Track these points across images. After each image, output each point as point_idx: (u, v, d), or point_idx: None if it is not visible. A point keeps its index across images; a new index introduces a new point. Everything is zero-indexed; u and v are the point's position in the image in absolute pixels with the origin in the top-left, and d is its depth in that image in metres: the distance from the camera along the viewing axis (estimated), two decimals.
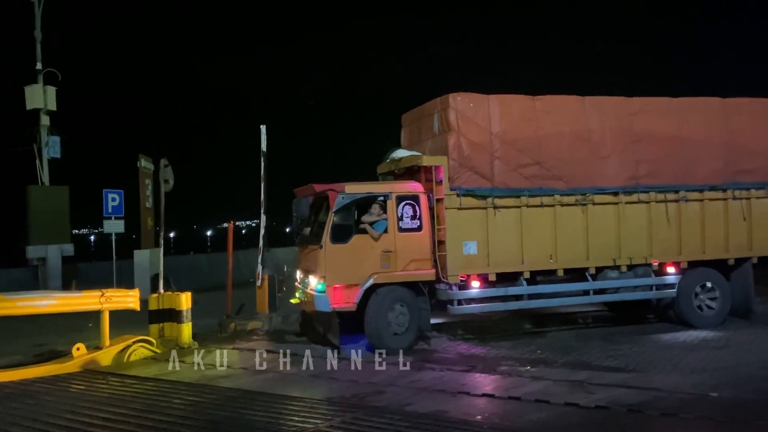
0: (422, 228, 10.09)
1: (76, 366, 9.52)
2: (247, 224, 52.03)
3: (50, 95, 18.08)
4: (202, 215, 72.52)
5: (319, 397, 7.59)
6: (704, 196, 11.12)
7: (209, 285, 16.74)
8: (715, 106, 11.44)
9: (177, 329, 10.82)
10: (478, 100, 10.32)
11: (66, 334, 11.43)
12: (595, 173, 10.65)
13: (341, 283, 9.76)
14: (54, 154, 18.37)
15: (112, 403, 7.67)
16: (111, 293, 10.38)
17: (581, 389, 7.39)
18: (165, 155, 12.50)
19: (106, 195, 16.44)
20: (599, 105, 10.86)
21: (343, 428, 6.35)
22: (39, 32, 18.24)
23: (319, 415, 6.86)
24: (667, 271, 11.02)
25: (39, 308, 9.77)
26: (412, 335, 10.04)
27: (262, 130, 12.39)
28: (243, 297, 13.54)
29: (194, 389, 8.23)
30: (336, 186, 10.03)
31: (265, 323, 12.03)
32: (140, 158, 17.86)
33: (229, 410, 7.19)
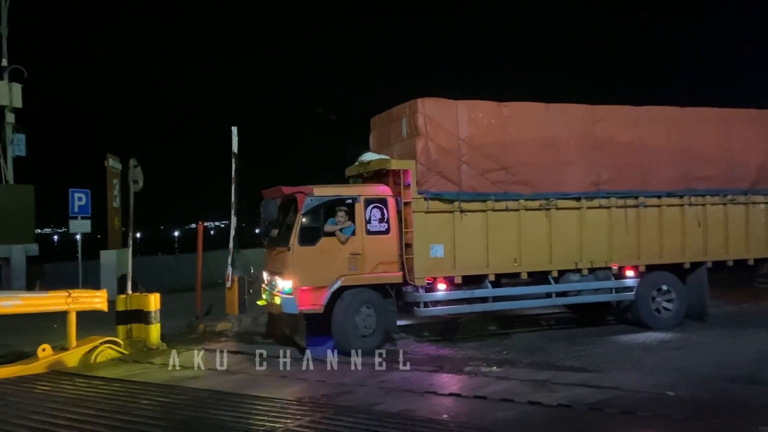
0: (390, 231, 10.15)
1: (42, 367, 9.32)
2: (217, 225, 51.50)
3: (16, 92, 17.60)
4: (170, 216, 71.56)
5: (289, 398, 7.56)
6: (662, 202, 11.46)
7: (178, 286, 16.55)
8: (674, 115, 11.81)
9: (145, 330, 10.69)
10: (446, 106, 10.45)
11: (31, 335, 11.15)
12: (559, 179, 10.89)
13: (309, 285, 9.74)
14: (19, 152, 17.92)
15: (78, 404, 7.54)
16: (78, 294, 10.19)
17: (545, 388, 7.54)
18: (134, 155, 12.36)
19: (72, 194, 16.11)
20: (564, 112, 11.11)
21: (312, 428, 6.35)
22: (5, 28, 17.77)
23: (289, 415, 6.85)
24: (626, 275, 11.32)
25: (4, 309, 9.54)
26: (379, 337, 10.07)
27: (233, 131, 12.33)
28: (212, 298, 13.43)
29: (162, 390, 8.14)
30: (304, 188, 10.03)
31: (234, 324, 11.96)
32: (108, 158, 17.55)
33: (198, 411, 7.12)
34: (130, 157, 12.39)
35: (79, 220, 16.32)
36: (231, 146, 12.28)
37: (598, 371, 8.57)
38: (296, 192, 10.04)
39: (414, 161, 10.13)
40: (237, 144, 12.33)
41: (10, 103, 17.54)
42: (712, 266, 11.81)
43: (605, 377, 8.13)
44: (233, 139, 12.31)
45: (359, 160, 11.24)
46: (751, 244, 11.98)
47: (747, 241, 11.96)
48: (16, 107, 17.72)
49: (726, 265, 11.97)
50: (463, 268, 10.37)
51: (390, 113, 11.35)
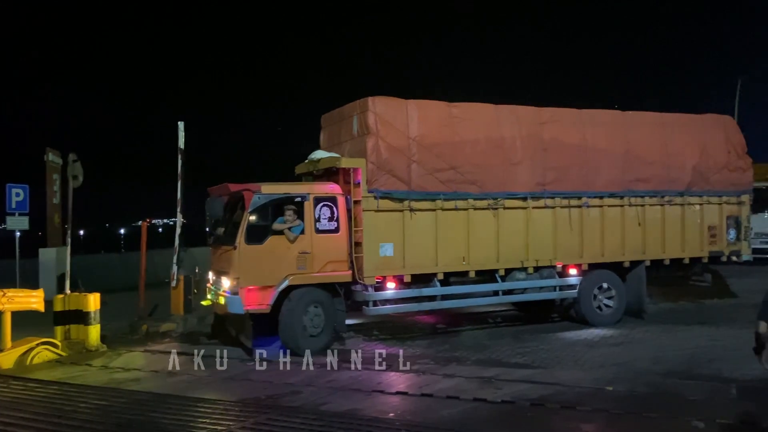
0: (339, 229, 10.04)
1: None
2: (164, 223, 50.27)
3: None
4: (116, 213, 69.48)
5: (233, 399, 7.43)
6: (604, 202, 11.76)
7: (122, 285, 16.05)
8: (616, 118, 12.18)
9: (84, 331, 10.30)
10: (396, 105, 10.43)
11: None
12: (507, 179, 11.02)
13: (255, 285, 9.54)
14: None
15: (13, 407, 7.24)
16: (13, 293, 9.79)
17: (490, 385, 7.63)
18: (74, 149, 11.91)
19: (10, 190, 15.41)
20: (512, 113, 11.26)
21: (255, 429, 6.26)
22: None
23: (232, 417, 6.73)
24: (569, 273, 11.56)
25: None
26: (328, 337, 9.96)
27: (179, 126, 12.03)
28: (158, 298, 13.06)
29: (101, 393, 7.86)
30: (252, 186, 9.82)
31: (179, 325, 11.65)
32: (47, 152, 16.87)
33: (138, 414, 6.91)
34: (69, 152, 11.95)
35: (17, 216, 15.61)
36: (178, 142, 12.00)
37: (541, 368, 8.71)
38: (243, 189, 9.81)
39: (364, 160, 10.06)
40: (183, 140, 12.04)
41: None
42: (650, 265, 12.18)
43: (548, 373, 8.27)
44: (180, 134, 12.01)
45: (309, 157, 11.09)
46: (686, 244, 12.43)
47: (683, 241, 12.40)
48: None
49: (663, 264, 12.37)
50: (412, 266, 10.36)
51: (341, 111, 11.25)
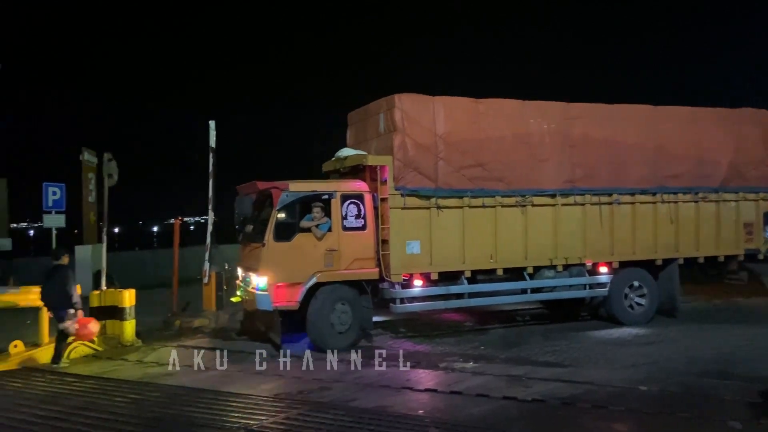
0: (366, 227, 10.03)
1: (14, 363, 9.16)
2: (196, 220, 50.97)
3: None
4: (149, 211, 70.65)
5: (264, 394, 7.48)
6: (635, 199, 11.56)
7: (155, 282, 16.34)
8: (647, 113, 11.89)
9: (119, 327, 10.52)
10: (423, 102, 10.37)
11: (3, 331, 10.94)
12: (534, 175, 10.89)
13: (284, 282, 9.59)
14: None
15: (50, 401, 7.40)
16: None
17: (520, 384, 7.55)
18: (109, 149, 12.14)
19: (46, 188, 15.73)
20: (539, 109, 11.11)
21: (287, 424, 6.30)
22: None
23: (264, 411, 6.77)
24: (599, 271, 11.38)
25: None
26: (355, 334, 9.98)
27: (211, 125, 12.18)
28: (190, 294, 13.26)
29: (136, 387, 8.01)
30: (280, 184, 9.86)
31: (211, 321, 11.81)
32: (83, 151, 17.23)
33: (172, 408, 7.01)
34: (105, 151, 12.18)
35: (54, 214, 15.95)
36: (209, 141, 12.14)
37: (572, 366, 8.60)
38: (271, 187, 9.88)
39: (391, 157, 10.05)
40: (215, 139, 12.18)
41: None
42: (683, 262, 11.94)
43: (579, 372, 8.16)
44: (211, 133, 12.16)
45: (336, 155, 11.10)
46: (721, 242, 12.15)
47: (717, 239, 12.13)
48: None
49: (697, 262, 12.12)
50: (439, 264, 10.31)
51: (367, 109, 11.25)
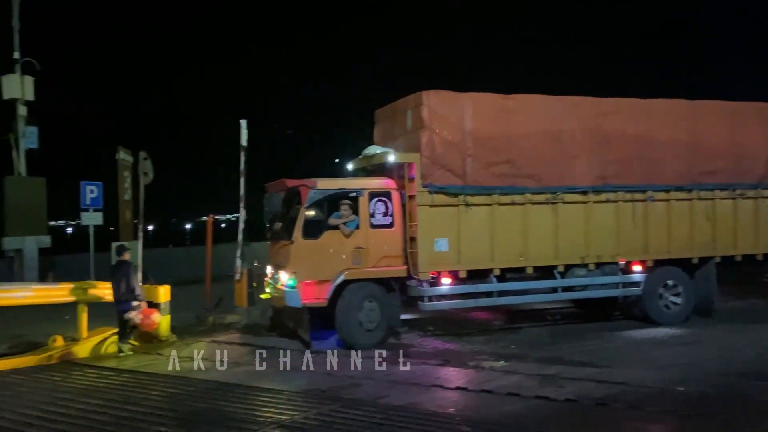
0: (394, 225, 10.00)
1: (53, 357, 9.37)
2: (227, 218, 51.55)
3: (28, 85, 17.50)
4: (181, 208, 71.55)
5: (296, 390, 7.54)
6: (670, 196, 11.27)
7: (188, 278, 16.55)
8: (682, 108, 11.59)
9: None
10: (451, 98, 10.25)
11: (43, 326, 11.20)
12: (565, 172, 10.69)
13: (312, 279, 9.60)
14: (31, 145, 17.84)
15: (89, 395, 7.57)
16: (89, 285, 10.24)
17: (552, 383, 7.45)
18: (144, 148, 12.34)
19: (84, 187, 16.09)
20: (570, 104, 10.91)
21: (318, 420, 6.32)
22: (17, 21, 17.73)
23: (296, 407, 6.82)
24: (633, 270, 11.13)
25: (16, 300, 9.63)
26: (383, 331, 9.95)
27: (242, 124, 12.27)
28: (222, 290, 13.40)
29: (172, 381, 8.14)
30: (308, 181, 9.88)
31: (243, 317, 11.93)
32: (119, 150, 17.51)
33: (206, 402, 7.11)
34: (140, 150, 12.38)
35: (91, 212, 16.32)
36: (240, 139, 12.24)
37: (606, 366, 8.40)
38: (300, 185, 9.89)
39: (418, 154, 9.96)
40: (246, 137, 12.28)
41: (22, 96, 17.46)
42: (720, 261, 11.62)
43: (613, 372, 7.99)
44: (242, 132, 12.25)
45: (363, 153, 11.09)
46: (760, 239, 11.79)
47: (756, 236, 11.76)
48: (28, 100, 17.68)
49: (734, 260, 11.79)
50: (467, 262, 10.20)
51: (394, 106, 11.18)
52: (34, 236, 17.25)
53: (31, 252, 17.13)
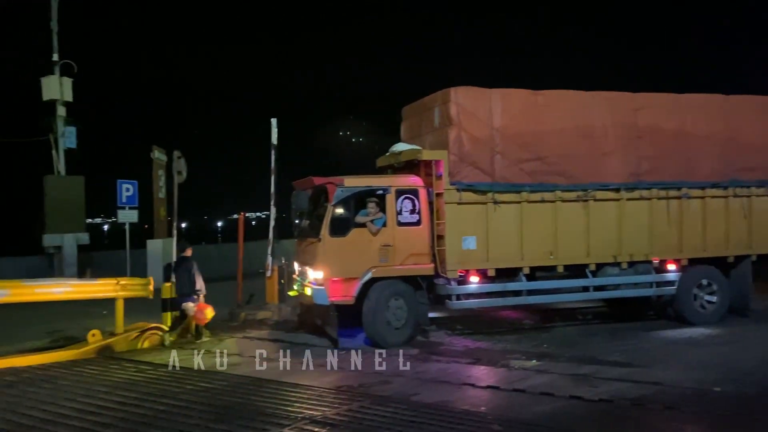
0: (421, 222, 9.86)
1: (91, 351, 9.52)
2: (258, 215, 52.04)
3: (66, 86, 17.92)
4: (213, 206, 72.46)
5: (327, 386, 7.52)
6: (706, 193, 10.94)
7: (220, 275, 16.73)
8: (718, 102, 11.24)
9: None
10: (479, 94, 10.06)
11: (81, 321, 11.42)
12: (597, 169, 10.45)
13: (339, 277, 9.53)
14: (70, 145, 18.24)
15: (126, 388, 7.68)
16: (125, 281, 10.38)
17: (586, 383, 7.30)
18: (178, 147, 12.47)
19: (120, 185, 16.41)
20: (602, 100, 10.65)
21: (349, 416, 6.30)
22: (55, 23, 18.13)
23: (326, 403, 6.81)
24: (667, 269, 10.84)
25: (55, 295, 9.80)
26: (410, 329, 9.83)
27: (272, 123, 12.34)
28: (253, 287, 13.51)
29: (205, 376, 8.21)
30: (335, 179, 9.81)
31: (274, 313, 12.00)
32: (154, 149, 17.81)
33: (239, 396, 7.16)
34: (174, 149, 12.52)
35: (127, 210, 16.63)
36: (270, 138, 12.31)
37: (640, 366, 8.18)
38: (327, 183, 9.83)
39: (446, 151, 9.80)
40: (276, 135, 12.34)
41: (61, 97, 17.87)
42: (756, 259, 11.23)
43: (648, 372, 7.78)
44: (273, 131, 12.33)
45: (390, 150, 10.96)
46: None
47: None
48: (66, 101, 18.08)
49: None
50: (496, 260, 10.01)
51: (422, 102, 11.03)
52: (73, 233, 17.65)
53: (70, 249, 17.54)
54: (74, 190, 18.12)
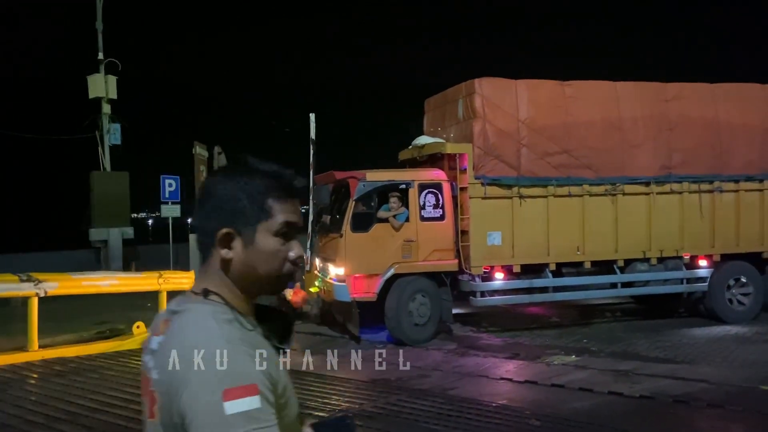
0: (445, 217, 9.37)
1: (136, 343, 9.36)
2: None
3: (111, 84, 17.95)
4: None
5: (365, 379, 7.27)
6: (739, 187, 10.30)
7: None
8: (754, 92, 10.58)
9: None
10: (504, 86, 9.56)
11: (126, 313, 11.42)
12: (626, 162, 9.88)
13: (361, 273, 9.04)
14: (115, 141, 18.35)
15: None
16: (169, 275, 10.38)
17: (626, 379, 6.88)
18: (219, 142, 12.52)
19: (164, 180, 16.48)
20: (632, 90, 10.07)
21: (387, 409, 6.02)
22: (100, 23, 18.34)
23: (364, 396, 6.56)
24: (698, 264, 10.23)
25: (102, 287, 9.83)
26: (434, 326, 9.26)
27: (311, 118, 12.27)
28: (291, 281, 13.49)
29: None
30: (357, 173, 9.36)
31: (313, 306, 11.92)
32: (195, 145, 17.87)
33: None
34: (215, 145, 12.58)
35: (170, 205, 16.72)
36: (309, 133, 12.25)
37: (684, 363, 7.72)
38: (348, 177, 9.38)
39: (471, 145, 9.29)
40: (315, 130, 12.27)
41: (106, 95, 17.97)
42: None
43: (692, 369, 7.32)
44: (311, 125, 12.25)
45: (413, 143, 10.42)
46: None
47: None
48: (111, 98, 18.27)
49: None
50: (522, 256, 9.49)
51: (445, 94, 10.50)
52: (119, 228, 17.86)
53: (116, 243, 17.62)
54: (119, 186, 18.17)
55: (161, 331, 1.33)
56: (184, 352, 1.23)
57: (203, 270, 1.39)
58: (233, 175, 1.37)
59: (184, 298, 1.38)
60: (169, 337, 1.30)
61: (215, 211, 1.34)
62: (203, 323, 1.27)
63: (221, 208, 1.34)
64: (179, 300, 1.38)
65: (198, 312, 1.30)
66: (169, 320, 1.33)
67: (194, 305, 1.32)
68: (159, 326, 1.36)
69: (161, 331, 1.33)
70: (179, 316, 1.32)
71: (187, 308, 1.32)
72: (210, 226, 1.35)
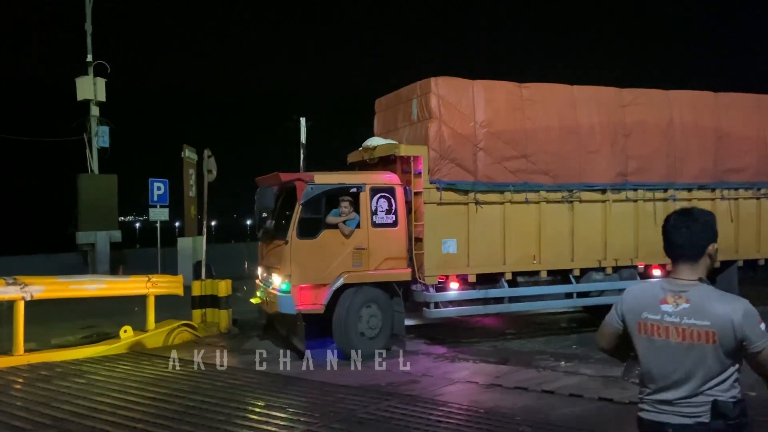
0: (398, 223, 8.47)
1: (124, 347, 8.78)
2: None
3: (100, 87, 17.60)
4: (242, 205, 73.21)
5: (355, 385, 6.75)
6: (693, 195, 9.60)
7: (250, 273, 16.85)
8: (708, 100, 9.86)
9: (218, 315, 9.95)
10: (461, 86, 8.70)
11: (113, 317, 10.71)
12: (583, 168, 9.11)
13: (308, 283, 8.04)
14: (103, 144, 17.94)
15: (157, 383, 6.95)
16: (157, 279, 9.98)
17: (616, 385, 6.35)
18: (208, 145, 12.52)
19: (152, 184, 16.18)
20: (590, 95, 9.32)
21: (377, 415, 5.63)
22: (89, 25, 18.10)
23: (355, 401, 6.10)
24: (652, 274, 9.49)
25: (89, 291, 9.36)
26: (385, 339, 8.28)
27: (301, 122, 12.39)
28: None
29: (234, 373, 7.43)
30: (304, 175, 8.42)
31: None
32: (184, 148, 17.70)
33: (268, 394, 6.56)
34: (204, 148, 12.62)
35: (158, 208, 16.46)
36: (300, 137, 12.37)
37: None
38: (295, 179, 8.38)
39: (426, 147, 8.39)
40: (305, 134, 12.38)
41: (94, 97, 17.67)
42: (743, 265, 10.01)
43: None
44: (302, 129, 12.36)
45: (364, 145, 9.49)
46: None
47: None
48: (100, 101, 18.09)
49: (758, 265, 10.23)
50: (477, 265, 8.61)
51: (398, 94, 9.55)
52: (106, 231, 17.69)
53: (103, 246, 17.12)
54: (107, 189, 17.71)
55: (679, 302, 2.50)
56: (723, 307, 2.44)
57: (694, 267, 2.54)
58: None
59: (681, 283, 2.57)
60: (697, 301, 2.46)
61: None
62: (716, 293, 2.50)
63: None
64: (677, 284, 2.60)
65: (706, 288, 2.49)
66: (681, 295, 2.50)
67: (700, 285, 2.51)
68: (669, 298, 2.55)
69: (679, 302, 2.50)
70: (692, 291, 2.49)
71: (695, 287, 2.49)
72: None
